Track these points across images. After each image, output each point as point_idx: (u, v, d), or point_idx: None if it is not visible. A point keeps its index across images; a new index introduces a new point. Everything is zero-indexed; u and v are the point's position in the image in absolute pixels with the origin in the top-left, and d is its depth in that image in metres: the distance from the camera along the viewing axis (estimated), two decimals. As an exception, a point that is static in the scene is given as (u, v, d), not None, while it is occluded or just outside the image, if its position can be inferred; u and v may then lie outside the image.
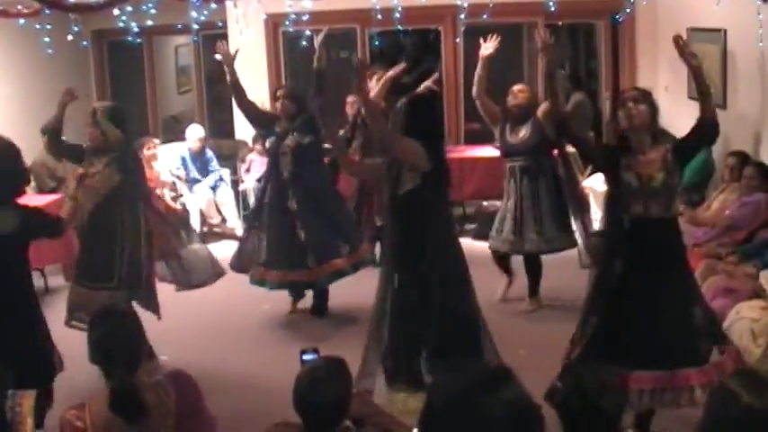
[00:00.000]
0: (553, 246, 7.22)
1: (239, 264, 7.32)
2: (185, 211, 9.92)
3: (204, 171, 10.23)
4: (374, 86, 8.33)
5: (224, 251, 9.56)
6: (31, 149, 9.33)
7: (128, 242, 6.15)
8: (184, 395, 3.30)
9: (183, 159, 10.18)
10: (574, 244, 7.18)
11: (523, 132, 7.10)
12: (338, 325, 7.15)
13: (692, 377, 4.60)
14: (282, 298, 7.54)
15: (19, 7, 7.55)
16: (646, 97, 4.90)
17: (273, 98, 7.25)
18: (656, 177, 4.70)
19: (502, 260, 7.52)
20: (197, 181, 10.16)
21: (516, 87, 7.24)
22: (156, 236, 6.37)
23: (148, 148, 9.68)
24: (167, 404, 3.21)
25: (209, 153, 10.33)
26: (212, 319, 7.38)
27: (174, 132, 12.00)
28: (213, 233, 10.06)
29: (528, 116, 7.08)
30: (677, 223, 4.92)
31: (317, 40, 7.03)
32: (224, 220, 10.16)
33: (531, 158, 7.09)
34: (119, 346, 3.23)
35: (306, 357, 3.70)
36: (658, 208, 4.71)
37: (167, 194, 9.87)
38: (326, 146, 7.13)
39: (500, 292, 7.51)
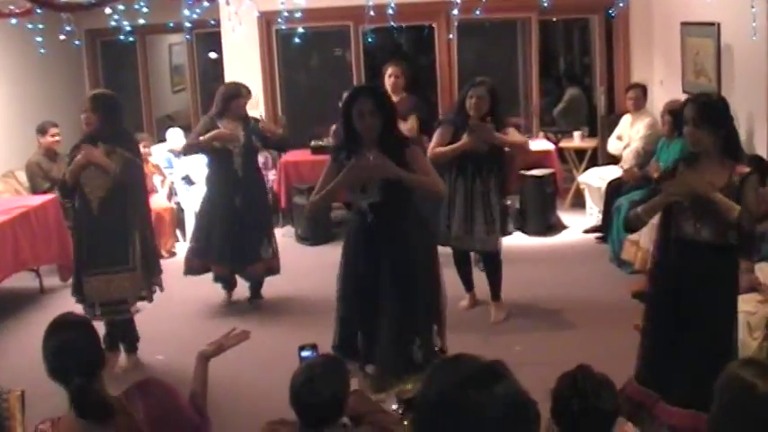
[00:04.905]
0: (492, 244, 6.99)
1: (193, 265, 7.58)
2: (180, 210, 9.93)
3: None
4: (387, 83, 8.30)
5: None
6: (26, 149, 9.34)
7: (139, 226, 6.29)
8: (154, 405, 3.24)
9: (169, 160, 10.16)
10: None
11: (482, 144, 6.72)
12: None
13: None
14: (274, 294, 7.57)
15: (11, 7, 7.52)
16: (705, 118, 4.43)
17: (234, 96, 7.36)
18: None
19: (463, 268, 7.26)
20: (189, 180, 10.14)
21: (479, 93, 6.76)
22: None
23: (144, 146, 9.66)
24: (133, 417, 3.16)
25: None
26: (208, 319, 7.37)
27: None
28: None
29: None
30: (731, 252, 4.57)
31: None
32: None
33: (485, 161, 6.82)
34: (75, 354, 3.17)
35: (304, 354, 3.70)
36: (709, 231, 4.43)
37: (162, 189, 9.87)
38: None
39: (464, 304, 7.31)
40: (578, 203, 10.19)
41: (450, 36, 10.42)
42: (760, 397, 2.18)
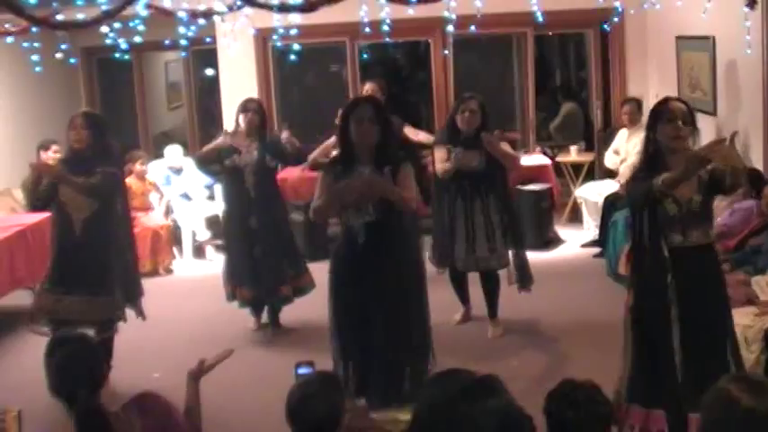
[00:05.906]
0: (505, 262, 6.96)
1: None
2: (177, 227, 9.91)
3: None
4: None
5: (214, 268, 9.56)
6: (22, 167, 9.31)
7: (121, 245, 6.20)
8: (152, 419, 3.25)
9: (167, 178, 10.15)
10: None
11: (477, 161, 6.71)
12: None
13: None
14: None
15: (7, 25, 7.52)
16: (692, 117, 4.62)
17: (243, 110, 7.24)
18: (694, 200, 4.49)
19: (460, 283, 7.24)
20: (187, 197, 10.14)
21: (471, 107, 6.79)
22: None
23: (141, 163, 9.68)
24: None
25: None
26: (204, 336, 7.33)
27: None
28: (203, 249, 10.02)
29: (478, 140, 6.69)
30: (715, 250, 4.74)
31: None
32: (214, 237, 10.06)
33: (482, 179, 6.79)
34: (80, 369, 3.17)
35: (301, 371, 3.69)
36: (697, 233, 4.52)
37: (159, 207, 9.86)
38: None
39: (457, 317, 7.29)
40: (575, 218, 10.20)
41: (446, 52, 10.44)
42: (744, 411, 2.19)
